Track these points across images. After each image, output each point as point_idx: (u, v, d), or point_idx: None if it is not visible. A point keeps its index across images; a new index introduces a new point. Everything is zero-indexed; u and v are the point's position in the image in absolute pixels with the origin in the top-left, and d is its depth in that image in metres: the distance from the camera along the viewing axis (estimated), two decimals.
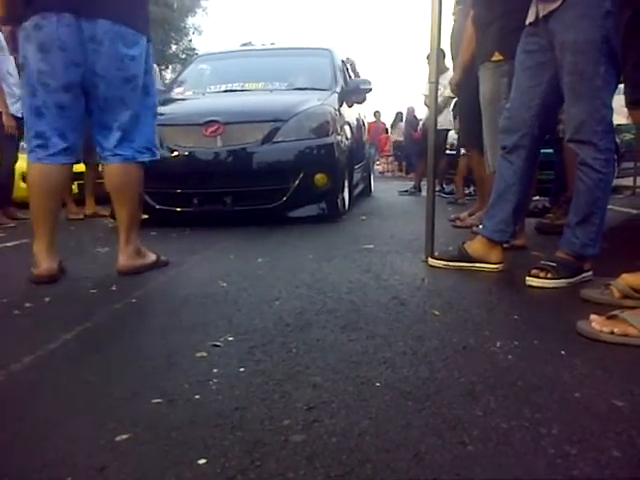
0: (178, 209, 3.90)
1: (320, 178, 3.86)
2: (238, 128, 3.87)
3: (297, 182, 3.81)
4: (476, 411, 1.05)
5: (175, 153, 3.86)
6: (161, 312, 1.79)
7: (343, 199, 4.26)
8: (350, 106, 5.18)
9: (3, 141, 4.58)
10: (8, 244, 3.41)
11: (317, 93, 4.43)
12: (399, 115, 15.61)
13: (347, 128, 4.71)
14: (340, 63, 5.34)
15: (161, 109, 4.37)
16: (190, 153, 3.87)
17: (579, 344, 1.40)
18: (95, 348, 1.48)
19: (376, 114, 17.05)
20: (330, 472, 0.86)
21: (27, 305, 1.88)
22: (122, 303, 1.89)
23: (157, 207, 3.86)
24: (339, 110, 4.45)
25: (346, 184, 4.43)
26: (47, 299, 1.95)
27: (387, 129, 17.69)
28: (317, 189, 3.88)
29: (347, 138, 4.58)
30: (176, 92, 5.05)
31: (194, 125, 3.93)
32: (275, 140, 3.83)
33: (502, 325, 1.59)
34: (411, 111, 13.72)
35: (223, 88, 4.87)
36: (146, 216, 3.85)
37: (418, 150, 7.62)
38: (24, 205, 4.28)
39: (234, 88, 4.83)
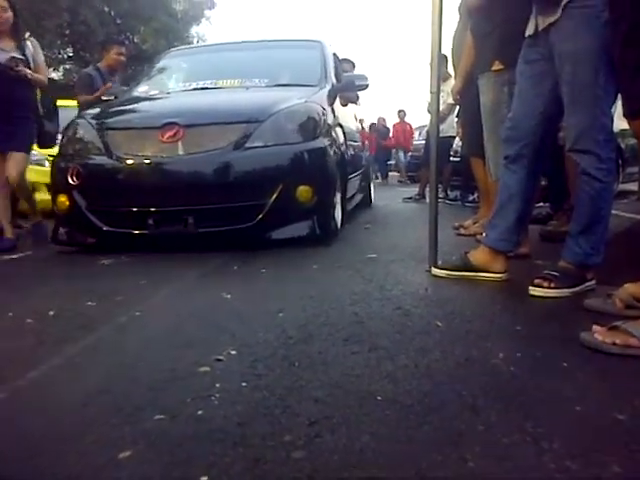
0: (131, 231, 3.19)
1: (304, 191, 3.15)
2: (203, 131, 3.21)
3: (275, 197, 3.11)
4: (477, 425, 1.05)
5: (126, 163, 3.19)
6: (165, 325, 1.80)
7: (334, 216, 3.49)
8: (344, 105, 4.49)
9: None
10: (14, 256, 3.42)
11: (302, 90, 3.74)
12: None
13: (340, 130, 3.93)
14: (331, 57, 4.56)
15: (114, 110, 3.67)
16: (144, 163, 3.18)
17: (581, 355, 1.40)
18: (99, 363, 1.49)
19: (400, 114, 14.50)
20: None
21: (29, 321, 1.88)
22: (127, 316, 1.90)
23: (104, 229, 3.21)
24: (329, 109, 3.72)
25: (338, 198, 3.63)
26: (51, 313, 1.96)
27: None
28: (300, 205, 3.17)
29: (340, 142, 3.82)
30: (138, 91, 4.27)
31: (149, 129, 3.27)
32: (248, 145, 3.15)
33: (505, 336, 1.59)
34: (381, 121, 13.76)
35: (193, 86, 4.13)
36: (93, 240, 3.31)
37: (423, 157, 7.62)
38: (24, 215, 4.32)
39: (205, 86, 4.09)
